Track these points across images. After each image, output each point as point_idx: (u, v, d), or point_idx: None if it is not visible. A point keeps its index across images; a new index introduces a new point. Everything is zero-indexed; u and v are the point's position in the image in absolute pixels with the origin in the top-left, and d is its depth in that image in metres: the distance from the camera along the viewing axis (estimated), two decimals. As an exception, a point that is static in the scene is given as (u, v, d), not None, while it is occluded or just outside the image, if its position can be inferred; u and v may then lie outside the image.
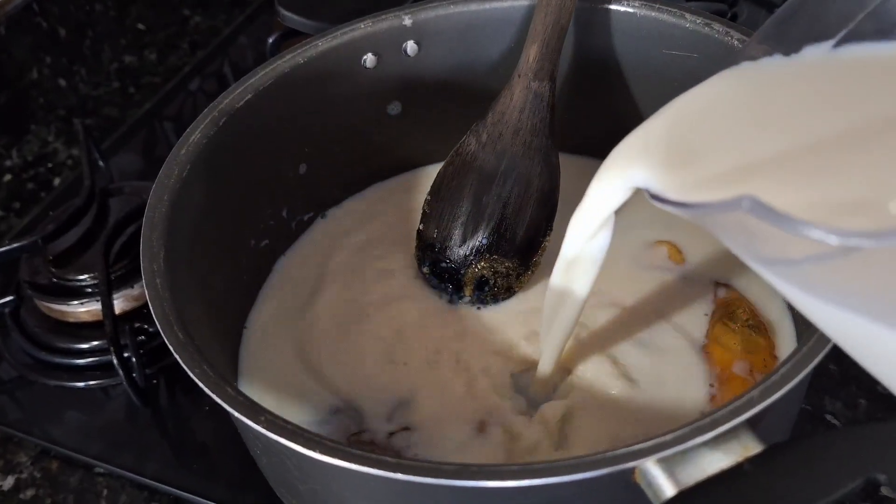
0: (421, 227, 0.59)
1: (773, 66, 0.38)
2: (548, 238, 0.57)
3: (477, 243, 0.57)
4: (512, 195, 0.56)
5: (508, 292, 0.58)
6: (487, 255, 0.57)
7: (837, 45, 0.36)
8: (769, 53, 0.38)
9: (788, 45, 0.37)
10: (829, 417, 0.56)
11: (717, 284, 0.56)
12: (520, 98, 0.56)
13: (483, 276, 0.57)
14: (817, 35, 0.37)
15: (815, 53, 0.37)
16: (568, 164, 0.58)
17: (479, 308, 0.57)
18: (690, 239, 0.58)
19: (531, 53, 0.55)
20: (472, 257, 0.57)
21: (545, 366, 0.50)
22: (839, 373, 0.58)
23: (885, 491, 0.53)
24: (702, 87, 0.39)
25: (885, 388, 0.56)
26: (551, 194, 0.57)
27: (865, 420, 0.56)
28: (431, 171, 0.62)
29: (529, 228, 0.57)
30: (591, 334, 0.53)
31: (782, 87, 0.37)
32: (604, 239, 0.41)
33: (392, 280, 0.59)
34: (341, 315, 0.58)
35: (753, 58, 0.38)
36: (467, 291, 0.57)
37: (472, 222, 0.57)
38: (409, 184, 0.67)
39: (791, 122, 0.35)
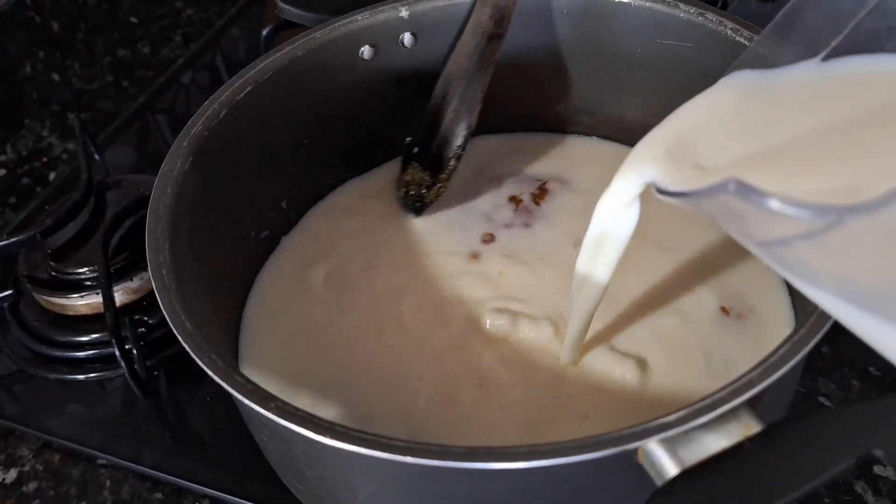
0: None
1: (768, 76, 0.41)
2: (454, 159, 0.59)
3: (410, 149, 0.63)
4: (439, 111, 0.60)
5: (420, 202, 0.62)
6: (412, 162, 0.63)
7: (827, 57, 0.40)
8: (765, 65, 0.41)
9: (782, 57, 0.41)
10: (822, 399, 0.57)
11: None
12: (470, 21, 0.59)
13: (408, 181, 0.63)
14: (808, 49, 0.40)
15: (807, 65, 0.40)
16: (575, 145, 0.62)
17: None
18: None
19: None
20: (407, 161, 0.64)
21: (569, 352, 0.51)
22: (832, 355, 0.59)
23: (878, 469, 0.54)
24: (703, 95, 0.43)
25: (877, 370, 0.57)
26: (465, 117, 0.59)
27: (859, 401, 0.57)
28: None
29: (440, 146, 0.60)
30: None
31: (776, 94, 0.41)
32: (630, 218, 0.44)
33: (393, 259, 0.60)
34: (339, 297, 0.58)
35: (750, 68, 0.42)
36: (399, 193, 0.64)
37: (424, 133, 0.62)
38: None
39: (783, 123, 0.38)
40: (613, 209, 0.43)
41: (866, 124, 0.36)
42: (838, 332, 0.34)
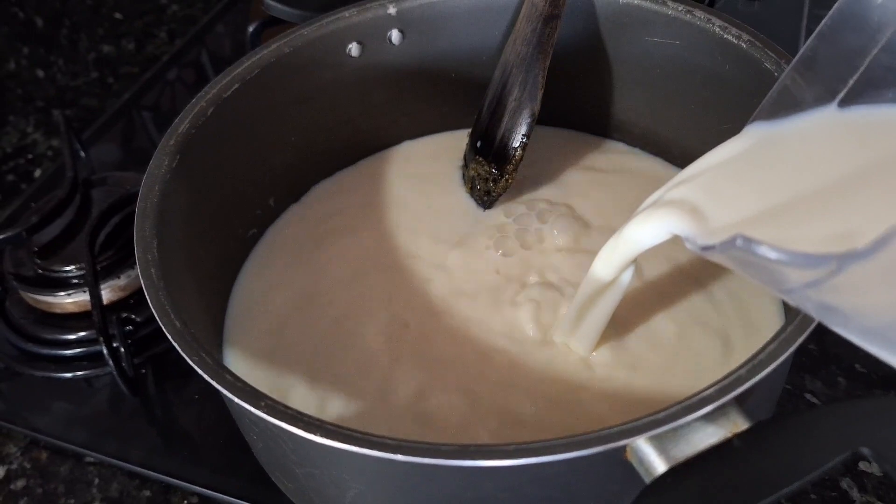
0: None
1: (785, 125, 0.43)
2: (520, 148, 0.58)
3: (472, 144, 0.62)
4: (499, 102, 0.59)
5: (489, 196, 0.61)
6: (476, 157, 0.61)
7: (845, 101, 0.41)
8: (787, 107, 0.43)
9: (803, 99, 0.42)
10: (808, 396, 0.58)
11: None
12: (524, 7, 0.59)
13: (473, 176, 0.62)
14: (827, 90, 0.41)
15: (823, 113, 0.42)
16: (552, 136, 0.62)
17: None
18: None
19: None
20: (470, 158, 0.62)
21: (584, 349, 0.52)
22: (819, 352, 0.59)
23: (863, 466, 0.54)
24: (723, 146, 0.45)
25: (863, 367, 0.58)
26: (528, 104, 0.58)
27: (845, 398, 0.57)
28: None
29: (504, 137, 0.59)
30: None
31: (792, 144, 0.42)
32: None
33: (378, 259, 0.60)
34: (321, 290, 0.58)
35: (773, 109, 0.44)
36: (466, 189, 0.63)
37: (477, 127, 0.62)
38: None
39: (797, 173, 0.40)
40: (639, 248, 0.45)
41: (871, 172, 0.38)
42: (825, 330, 0.35)
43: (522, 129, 0.58)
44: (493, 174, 0.60)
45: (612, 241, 0.46)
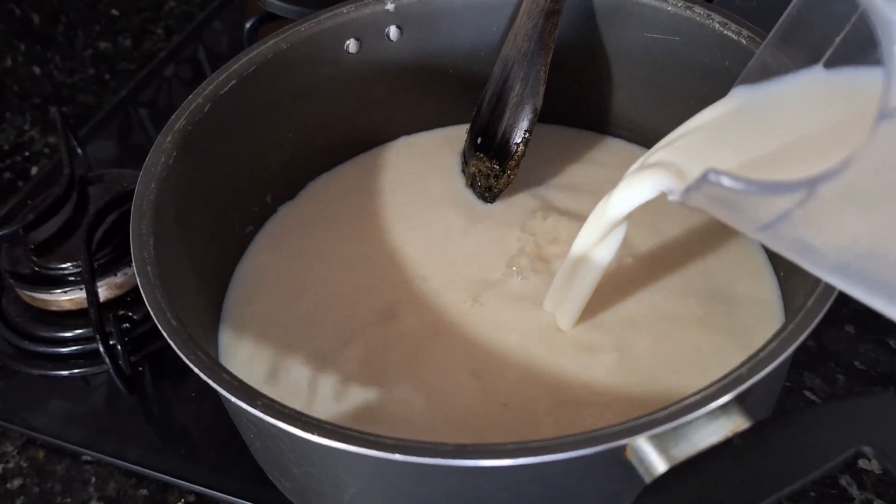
0: None
1: (770, 86, 0.43)
2: (522, 144, 0.58)
3: (472, 141, 0.62)
4: (499, 98, 0.59)
5: (490, 192, 0.61)
6: (477, 153, 0.61)
7: (829, 63, 0.41)
8: (771, 74, 0.43)
9: (786, 65, 0.43)
10: (807, 393, 0.57)
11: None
12: (524, 3, 0.58)
13: (474, 173, 0.61)
14: (811, 55, 0.42)
15: (809, 73, 0.42)
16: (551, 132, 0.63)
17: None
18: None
19: None
20: (470, 154, 0.62)
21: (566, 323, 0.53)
22: (818, 349, 0.59)
23: (862, 463, 0.54)
24: (709, 109, 0.46)
25: (862, 364, 0.57)
26: (530, 99, 0.58)
27: (844, 395, 0.57)
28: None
29: (506, 133, 0.59)
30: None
31: (776, 104, 0.43)
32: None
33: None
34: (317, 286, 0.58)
35: (755, 78, 0.44)
36: (467, 184, 0.63)
37: (476, 124, 0.62)
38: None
39: (780, 131, 0.41)
40: (627, 208, 0.45)
41: (853, 126, 0.37)
42: (824, 327, 0.34)
43: (524, 125, 0.58)
44: (494, 170, 0.60)
45: (601, 205, 0.47)
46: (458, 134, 0.65)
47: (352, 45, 0.61)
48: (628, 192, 0.45)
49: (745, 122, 0.44)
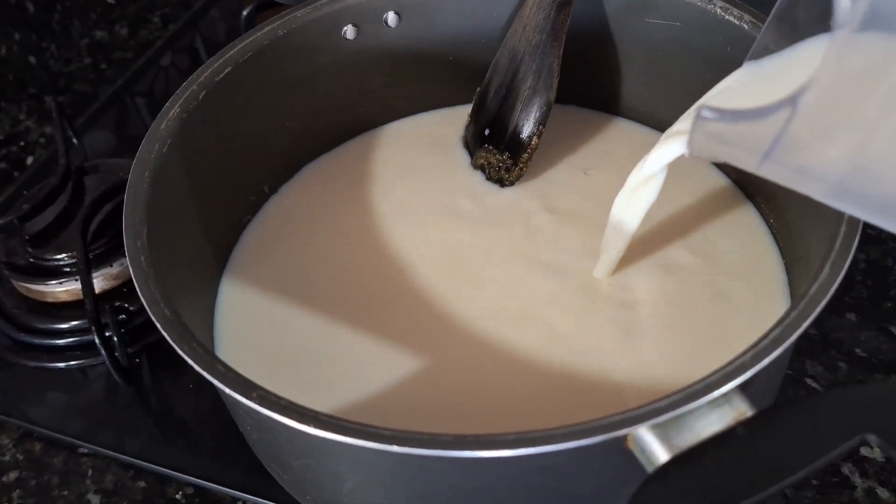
0: None
1: (785, 53, 0.44)
2: (536, 137, 0.58)
3: (478, 132, 0.62)
4: (509, 90, 0.59)
5: (500, 185, 0.61)
6: (486, 145, 0.61)
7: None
8: (770, 52, 0.45)
9: (784, 42, 0.44)
10: (809, 381, 0.57)
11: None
12: None
13: (482, 164, 0.61)
14: (807, 31, 0.43)
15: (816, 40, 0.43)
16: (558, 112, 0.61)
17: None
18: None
19: None
20: (477, 146, 0.62)
21: (602, 270, 0.54)
22: (820, 337, 0.59)
23: (864, 451, 0.54)
24: (729, 77, 0.47)
25: (864, 352, 0.57)
26: (543, 92, 0.57)
27: (846, 383, 0.57)
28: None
29: (518, 125, 0.58)
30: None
31: (793, 65, 0.43)
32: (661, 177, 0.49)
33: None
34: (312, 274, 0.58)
35: (757, 58, 0.45)
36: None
37: (482, 114, 0.62)
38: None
39: (785, 88, 0.38)
40: (659, 164, 0.48)
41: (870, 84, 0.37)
42: (826, 315, 0.34)
43: (538, 118, 0.58)
44: (506, 163, 0.60)
45: (640, 164, 0.49)
46: (458, 114, 0.65)
47: (349, 31, 0.60)
48: (659, 153, 0.47)
49: (757, 84, 0.44)
